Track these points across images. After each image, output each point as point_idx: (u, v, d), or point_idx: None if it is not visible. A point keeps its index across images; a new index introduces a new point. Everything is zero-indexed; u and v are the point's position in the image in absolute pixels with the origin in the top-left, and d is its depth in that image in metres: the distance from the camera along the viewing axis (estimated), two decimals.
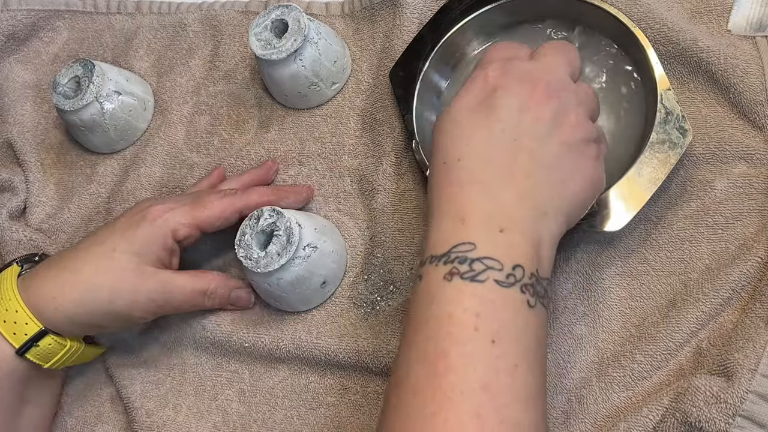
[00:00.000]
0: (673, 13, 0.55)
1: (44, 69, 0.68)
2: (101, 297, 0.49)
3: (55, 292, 0.49)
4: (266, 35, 0.57)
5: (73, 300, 0.49)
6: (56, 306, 0.49)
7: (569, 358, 0.49)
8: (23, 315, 0.48)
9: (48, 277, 0.50)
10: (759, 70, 0.52)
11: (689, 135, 0.49)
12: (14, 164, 0.65)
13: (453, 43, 0.57)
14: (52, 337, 0.49)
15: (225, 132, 0.62)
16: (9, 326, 0.48)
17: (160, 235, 0.51)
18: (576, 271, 0.50)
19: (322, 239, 0.52)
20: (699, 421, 0.44)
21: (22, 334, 0.48)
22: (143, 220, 0.51)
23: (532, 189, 0.41)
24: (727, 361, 0.45)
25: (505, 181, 0.41)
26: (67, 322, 0.50)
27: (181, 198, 0.54)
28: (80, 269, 0.50)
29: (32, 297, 0.49)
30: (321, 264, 0.52)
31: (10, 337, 0.48)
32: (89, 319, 0.50)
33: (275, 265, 0.49)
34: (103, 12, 0.68)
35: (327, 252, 0.53)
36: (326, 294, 0.55)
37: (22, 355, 0.49)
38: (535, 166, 0.41)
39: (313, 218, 0.54)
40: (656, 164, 0.49)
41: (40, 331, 0.49)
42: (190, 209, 0.52)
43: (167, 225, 0.51)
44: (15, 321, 0.48)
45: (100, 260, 0.50)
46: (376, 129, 0.58)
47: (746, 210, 0.50)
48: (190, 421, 0.54)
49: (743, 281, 0.48)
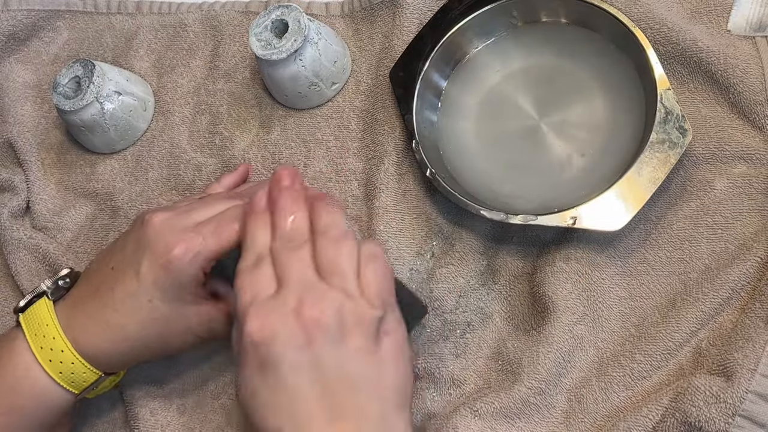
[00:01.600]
0: (673, 13, 0.55)
1: (44, 69, 0.68)
2: (153, 347, 0.50)
3: (107, 349, 0.48)
4: (266, 35, 0.57)
5: (126, 353, 0.49)
6: (110, 358, 0.49)
7: (569, 358, 0.49)
8: (80, 366, 0.48)
9: (96, 333, 0.48)
10: (759, 70, 0.52)
11: (689, 135, 0.49)
12: (15, 164, 0.65)
13: (453, 43, 0.57)
14: (110, 379, 0.51)
15: (226, 131, 0.62)
16: (66, 377, 0.48)
17: (192, 276, 0.48)
18: (576, 271, 0.50)
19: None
20: (699, 421, 0.44)
21: (81, 382, 0.49)
22: (170, 265, 0.47)
23: None
24: (726, 360, 0.45)
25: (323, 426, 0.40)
26: (121, 365, 0.51)
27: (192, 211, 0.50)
28: (125, 326, 0.48)
29: (83, 349, 0.48)
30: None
31: (68, 386, 0.49)
32: (143, 359, 0.51)
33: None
34: (104, 12, 0.68)
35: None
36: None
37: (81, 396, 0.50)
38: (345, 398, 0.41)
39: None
40: (656, 164, 0.49)
41: (99, 377, 0.50)
42: (215, 242, 0.48)
43: (196, 265, 0.47)
44: (72, 372, 0.48)
45: (140, 314, 0.48)
46: (376, 129, 0.58)
47: (746, 210, 0.50)
48: (193, 420, 0.55)
49: (743, 281, 0.48)
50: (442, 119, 0.58)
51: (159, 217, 0.49)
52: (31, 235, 0.61)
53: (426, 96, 0.57)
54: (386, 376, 0.42)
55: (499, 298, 0.52)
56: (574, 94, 0.55)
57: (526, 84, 0.57)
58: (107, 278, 0.49)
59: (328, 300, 0.42)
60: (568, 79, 0.55)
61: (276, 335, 0.41)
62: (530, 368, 0.48)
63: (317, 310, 0.41)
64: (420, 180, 0.56)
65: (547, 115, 0.55)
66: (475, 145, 0.56)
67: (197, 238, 0.48)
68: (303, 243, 0.44)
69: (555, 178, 0.53)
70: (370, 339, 0.42)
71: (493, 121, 0.56)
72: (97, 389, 0.51)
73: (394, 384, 0.42)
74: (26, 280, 0.60)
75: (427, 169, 0.53)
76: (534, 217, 0.49)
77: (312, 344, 0.41)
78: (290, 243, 0.44)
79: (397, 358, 0.43)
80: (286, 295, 0.42)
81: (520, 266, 0.53)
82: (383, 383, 0.42)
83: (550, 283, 0.50)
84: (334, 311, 0.41)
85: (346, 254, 0.44)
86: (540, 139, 0.54)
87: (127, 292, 0.48)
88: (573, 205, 0.49)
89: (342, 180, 0.58)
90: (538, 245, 0.53)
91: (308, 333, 0.41)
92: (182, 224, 0.49)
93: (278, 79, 0.58)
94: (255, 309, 0.42)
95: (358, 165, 0.58)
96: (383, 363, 0.42)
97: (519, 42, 0.57)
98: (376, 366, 0.42)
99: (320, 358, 0.41)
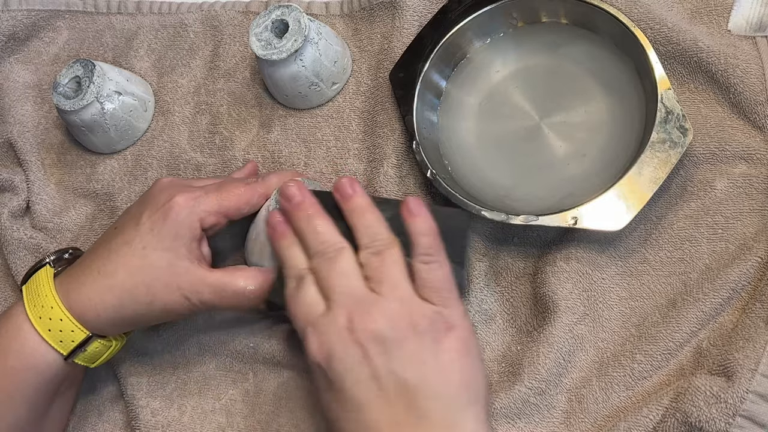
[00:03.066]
0: (673, 14, 0.55)
1: (45, 69, 0.68)
2: (139, 299, 0.49)
3: (95, 298, 0.49)
4: (267, 35, 0.57)
5: (113, 305, 0.49)
6: (98, 312, 0.49)
7: (569, 358, 0.49)
8: (69, 323, 0.49)
9: (86, 283, 0.49)
10: (759, 70, 0.52)
11: (690, 134, 0.49)
12: (15, 164, 0.65)
13: (453, 44, 0.57)
14: (99, 341, 0.50)
15: (226, 130, 0.62)
16: (55, 335, 0.49)
17: (188, 227, 0.49)
18: (576, 270, 0.50)
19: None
20: (699, 421, 0.44)
21: (69, 341, 0.49)
22: (169, 213, 0.49)
23: None
24: (727, 360, 0.45)
25: None
26: (110, 324, 0.50)
27: (202, 182, 0.53)
28: (114, 273, 0.49)
29: (73, 304, 0.49)
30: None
31: (56, 345, 0.49)
32: (131, 318, 0.50)
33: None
34: (104, 12, 0.68)
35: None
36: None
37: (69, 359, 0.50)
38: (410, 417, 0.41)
39: None
40: (657, 163, 0.49)
41: (87, 337, 0.49)
42: (216, 197, 0.50)
43: (195, 215, 0.49)
44: (60, 329, 0.48)
45: (131, 261, 0.49)
46: (376, 131, 0.58)
47: (746, 210, 0.50)
48: (194, 421, 0.55)
49: (743, 281, 0.48)
50: (442, 119, 0.58)
51: (167, 179, 0.53)
52: (32, 235, 0.61)
53: (426, 96, 0.57)
54: (450, 375, 0.42)
55: (501, 299, 0.53)
56: (574, 95, 0.55)
57: (526, 84, 0.57)
58: (109, 235, 0.51)
59: (378, 310, 0.42)
60: (568, 79, 0.55)
61: (333, 354, 0.42)
62: (530, 368, 0.48)
63: (368, 322, 0.42)
64: (421, 182, 0.56)
65: (547, 116, 0.55)
66: (475, 145, 0.56)
67: (199, 191, 0.50)
68: (337, 252, 0.45)
69: (555, 179, 0.53)
70: (428, 340, 0.42)
71: (494, 122, 0.56)
72: (88, 354, 0.50)
73: (460, 382, 0.42)
74: None
75: (428, 170, 0.53)
76: (535, 217, 0.49)
77: (368, 357, 0.42)
78: (324, 255, 0.45)
79: (462, 354, 0.43)
80: (335, 312, 0.43)
81: (521, 267, 0.53)
82: (447, 383, 0.42)
83: (550, 283, 0.50)
84: (386, 320, 0.42)
85: (391, 263, 0.44)
86: (540, 140, 0.54)
87: (124, 240, 0.50)
88: (574, 205, 0.49)
89: None
90: (539, 246, 0.53)
91: (363, 347, 0.42)
92: (187, 184, 0.52)
93: (278, 79, 0.58)
94: (310, 331, 0.43)
95: (358, 166, 0.58)
96: (446, 362, 0.42)
97: (519, 42, 0.57)
98: (438, 367, 0.42)
99: (378, 370, 0.41)
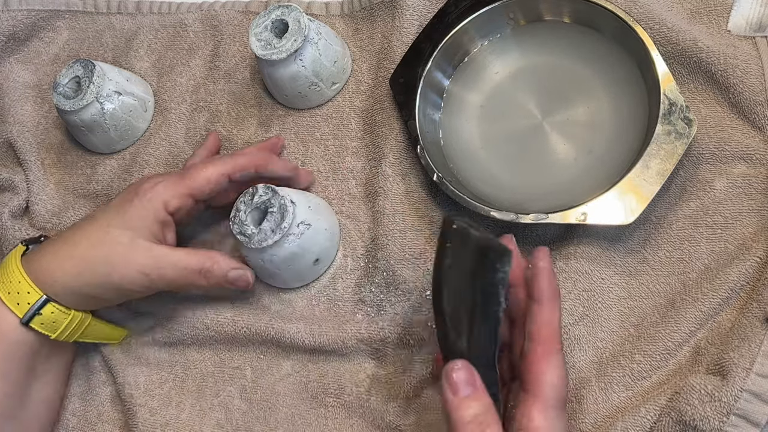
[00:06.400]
0: (672, 14, 0.55)
1: (44, 69, 0.68)
2: (97, 270, 0.50)
3: (54, 264, 0.50)
4: (266, 35, 0.57)
5: (71, 272, 0.50)
6: (55, 278, 0.50)
7: (568, 358, 0.49)
8: (25, 285, 0.50)
9: (48, 251, 0.51)
10: (759, 71, 0.52)
11: (694, 125, 0.49)
12: (15, 164, 0.65)
13: (455, 43, 0.57)
14: (53, 305, 0.51)
15: (224, 129, 0.62)
16: (13, 297, 0.50)
17: (152, 209, 0.51)
18: (576, 270, 0.50)
19: (316, 217, 0.53)
20: (693, 420, 0.44)
21: (25, 303, 0.50)
22: (135, 196, 0.52)
23: None
24: (722, 360, 0.45)
25: None
26: (68, 292, 0.51)
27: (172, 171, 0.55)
28: (77, 243, 0.51)
29: (33, 270, 0.51)
30: (314, 241, 0.53)
31: (14, 308, 0.50)
32: (87, 290, 0.51)
33: (269, 241, 0.50)
34: (104, 12, 0.68)
35: (320, 229, 0.53)
36: (319, 271, 0.56)
37: (27, 324, 0.50)
38: None
39: (306, 196, 0.54)
40: (663, 156, 0.49)
41: (42, 299, 0.50)
42: (178, 179, 0.52)
43: (159, 198, 0.52)
44: (18, 291, 0.50)
45: (95, 234, 0.51)
46: (375, 131, 0.58)
47: (745, 210, 0.50)
48: (193, 418, 0.55)
49: (742, 281, 0.48)
50: (444, 118, 0.58)
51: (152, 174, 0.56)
52: (32, 235, 0.61)
53: (428, 95, 0.57)
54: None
55: None
56: (576, 92, 0.55)
57: (528, 83, 0.56)
58: (81, 219, 0.54)
59: None
60: (570, 77, 0.55)
61: None
62: None
63: None
64: (423, 182, 0.56)
65: (550, 114, 0.55)
66: (479, 146, 0.56)
67: (163, 178, 0.53)
68: None
69: (561, 176, 0.53)
70: None
71: (497, 122, 0.56)
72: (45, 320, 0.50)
73: None
74: None
75: (434, 173, 0.53)
76: (545, 215, 0.49)
77: None
78: None
79: None
80: None
81: None
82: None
83: None
84: None
85: None
86: (544, 138, 0.54)
87: (92, 218, 0.53)
88: (582, 201, 0.49)
89: (339, 178, 0.58)
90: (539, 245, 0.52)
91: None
92: (165, 173, 0.54)
93: (278, 79, 0.58)
94: None
95: (356, 164, 0.58)
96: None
97: (520, 41, 0.57)
98: None
99: None
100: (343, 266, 0.56)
